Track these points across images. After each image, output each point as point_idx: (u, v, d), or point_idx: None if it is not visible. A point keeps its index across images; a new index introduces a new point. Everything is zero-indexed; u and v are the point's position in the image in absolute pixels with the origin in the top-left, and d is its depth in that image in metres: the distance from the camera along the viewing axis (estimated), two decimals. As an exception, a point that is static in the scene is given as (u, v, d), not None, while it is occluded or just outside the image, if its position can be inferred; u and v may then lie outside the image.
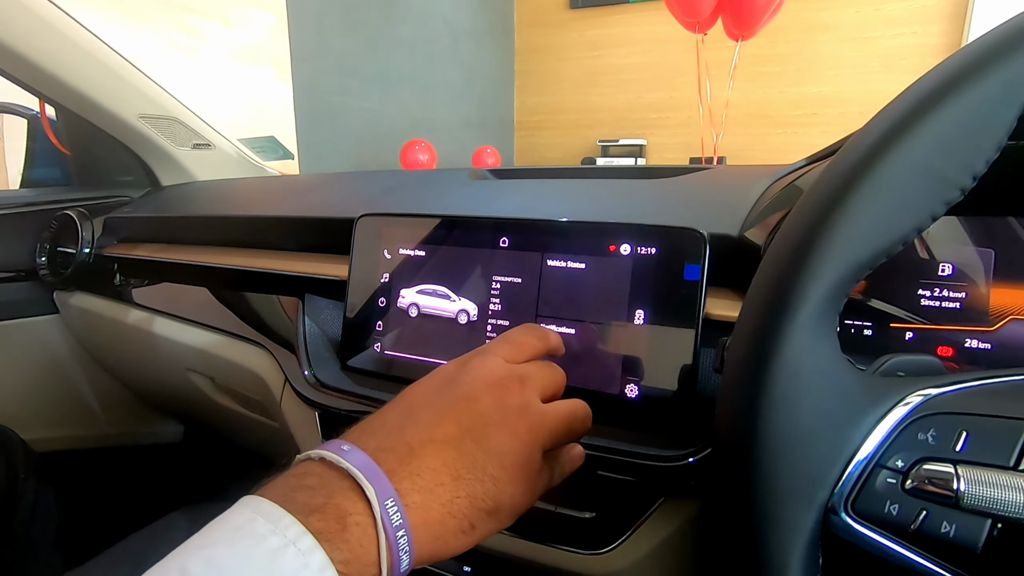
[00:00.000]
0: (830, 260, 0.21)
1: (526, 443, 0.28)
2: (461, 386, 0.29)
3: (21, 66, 0.75)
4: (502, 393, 0.28)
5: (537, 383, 0.30)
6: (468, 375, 0.30)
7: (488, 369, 0.30)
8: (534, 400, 0.29)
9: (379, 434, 0.27)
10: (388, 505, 0.23)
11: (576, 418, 0.31)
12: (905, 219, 0.21)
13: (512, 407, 0.28)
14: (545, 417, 0.29)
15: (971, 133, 0.20)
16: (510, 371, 0.30)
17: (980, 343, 0.38)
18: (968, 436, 0.20)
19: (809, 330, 0.21)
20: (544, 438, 0.29)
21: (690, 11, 2.62)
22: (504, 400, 0.28)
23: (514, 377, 0.30)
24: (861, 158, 0.22)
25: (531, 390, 0.30)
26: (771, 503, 0.20)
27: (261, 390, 0.61)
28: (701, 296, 0.38)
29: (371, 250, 0.51)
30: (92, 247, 0.82)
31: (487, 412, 0.28)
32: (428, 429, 0.27)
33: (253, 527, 0.22)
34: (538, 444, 0.28)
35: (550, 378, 0.32)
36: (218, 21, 2.65)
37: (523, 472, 0.27)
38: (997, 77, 0.20)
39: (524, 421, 0.28)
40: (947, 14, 3.81)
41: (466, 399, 0.28)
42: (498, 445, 0.27)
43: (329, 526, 0.22)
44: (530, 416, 0.28)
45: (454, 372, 0.31)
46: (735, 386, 0.22)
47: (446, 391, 0.29)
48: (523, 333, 0.34)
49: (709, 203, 0.49)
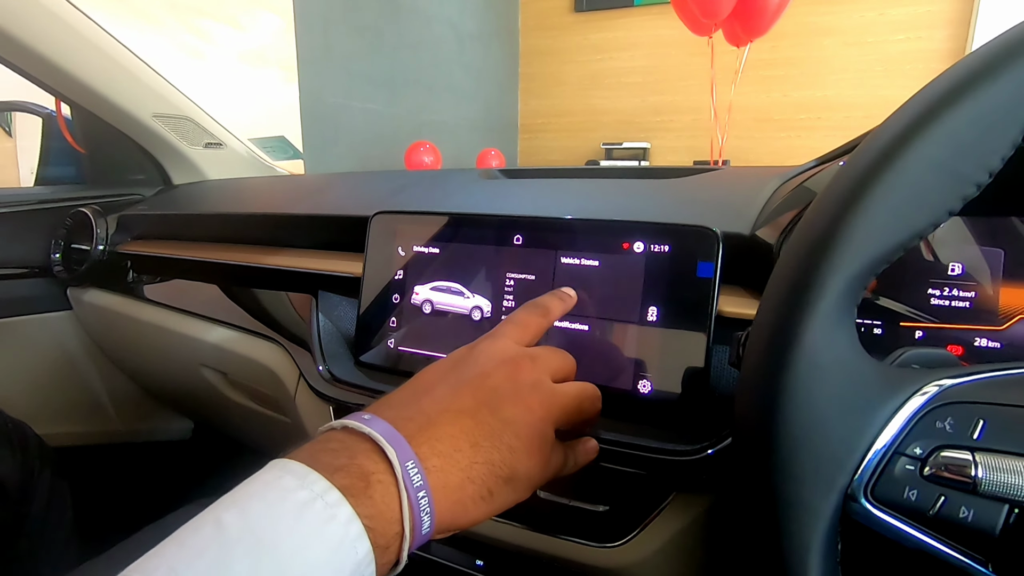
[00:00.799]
0: (849, 253, 0.21)
1: (539, 416, 0.29)
2: (474, 364, 0.30)
3: (39, 64, 0.76)
4: (514, 369, 0.30)
5: (547, 364, 0.31)
6: (481, 355, 0.31)
7: (499, 348, 0.31)
8: (545, 378, 0.30)
9: (397, 406, 0.28)
10: (409, 467, 0.24)
11: (586, 398, 0.32)
12: (922, 214, 0.22)
13: (524, 382, 0.29)
14: (556, 394, 0.30)
15: (987, 130, 0.21)
16: (520, 351, 0.31)
17: (989, 342, 0.38)
18: (985, 424, 0.20)
19: (829, 321, 0.21)
20: (556, 414, 0.30)
21: (709, 13, 2.62)
22: (516, 376, 0.29)
23: (525, 356, 0.31)
24: (880, 155, 0.22)
25: (542, 369, 0.31)
26: (792, 488, 0.20)
27: (275, 385, 0.62)
28: (714, 293, 0.39)
29: (385, 247, 0.52)
30: (106, 244, 0.83)
31: (500, 386, 0.29)
32: (444, 401, 0.28)
33: (282, 483, 0.23)
34: (550, 419, 0.29)
35: (560, 361, 0.33)
36: (227, 23, 2.67)
37: (538, 443, 0.28)
38: (1012, 76, 0.21)
39: (536, 395, 0.29)
40: (951, 19, 3.81)
41: (480, 375, 0.29)
42: (513, 416, 0.28)
43: (353, 483, 0.23)
44: (542, 391, 0.29)
45: (465, 353, 0.32)
46: (756, 374, 0.22)
47: (459, 369, 0.30)
48: (526, 312, 0.35)
49: (720, 203, 0.50)
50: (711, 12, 2.64)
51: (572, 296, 0.39)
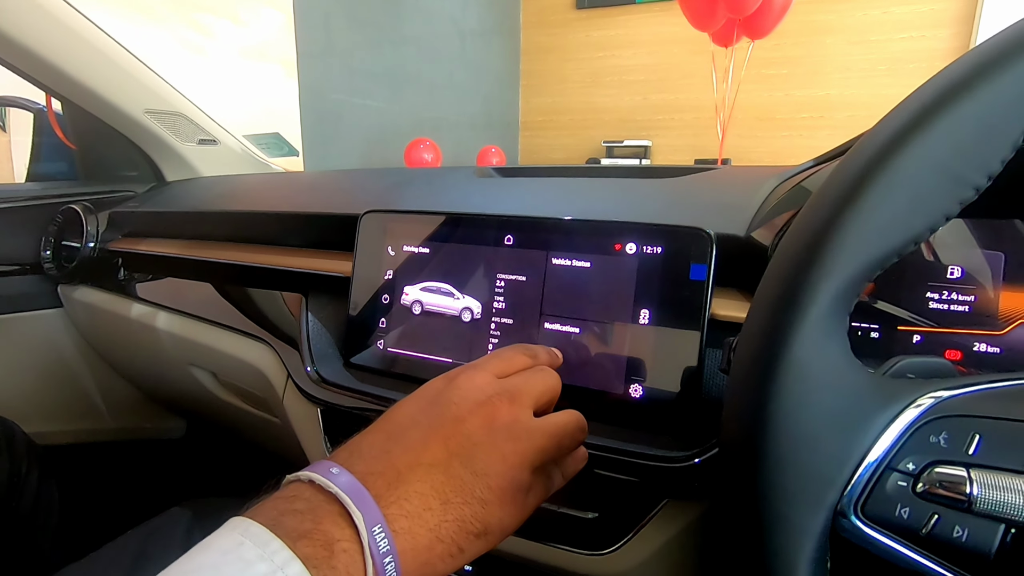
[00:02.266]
0: (842, 258, 0.21)
1: (513, 465, 0.27)
2: (449, 405, 0.28)
3: (28, 60, 0.75)
4: (490, 412, 0.28)
5: (527, 396, 0.30)
6: (456, 392, 0.29)
7: (476, 387, 0.29)
8: (523, 416, 0.29)
9: (367, 457, 0.26)
10: (376, 532, 0.23)
11: (566, 434, 0.31)
12: (919, 218, 0.21)
13: (500, 427, 0.28)
14: (533, 435, 0.29)
15: (987, 132, 0.20)
16: (499, 387, 0.30)
17: (989, 347, 0.37)
18: (981, 439, 0.19)
19: (819, 329, 0.20)
20: (532, 457, 0.28)
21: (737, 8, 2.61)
22: (492, 420, 0.28)
23: (503, 394, 0.29)
24: (874, 155, 0.21)
25: (520, 406, 0.29)
26: (779, 505, 0.20)
27: (264, 386, 0.61)
28: (707, 296, 0.38)
29: (375, 247, 0.51)
30: (96, 241, 0.83)
31: (474, 433, 0.27)
32: (415, 452, 0.26)
33: (241, 551, 0.21)
34: (526, 464, 0.28)
35: (541, 387, 0.31)
36: (226, 18, 2.66)
37: (511, 493, 0.27)
38: (1013, 75, 0.20)
39: (511, 442, 0.28)
40: (955, 18, 3.79)
41: (454, 420, 0.28)
42: (485, 467, 0.27)
43: (317, 552, 0.22)
44: (518, 435, 0.28)
45: (441, 388, 0.30)
46: (743, 385, 0.22)
47: (433, 410, 0.29)
48: (513, 350, 0.34)
49: (715, 203, 0.49)
50: (739, 8, 2.62)
51: (559, 357, 0.38)
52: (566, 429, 0.31)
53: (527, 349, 0.35)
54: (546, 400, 0.31)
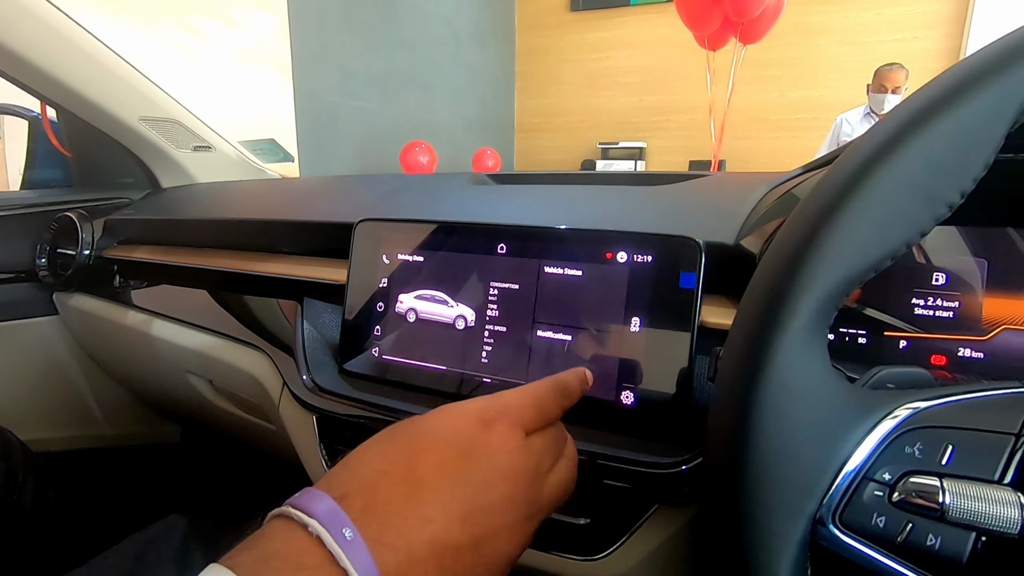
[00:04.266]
0: (821, 273, 0.21)
1: (518, 544, 0.27)
2: (477, 470, 0.27)
3: (22, 68, 0.75)
4: (513, 489, 0.27)
5: (547, 466, 0.30)
6: (485, 457, 0.27)
7: (508, 451, 0.28)
8: (539, 489, 0.29)
9: (381, 517, 0.24)
10: None
11: (569, 485, 0.31)
12: (895, 234, 0.21)
13: (519, 506, 0.27)
14: (544, 509, 0.29)
15: (960, 151, 0.21)
16: (525, 457, 0.29)
17: (973, 352, 0.38)
18: (954, 450, 0.20)
19: (799, 342, 0.21)
20: (535, 527, 0.29)
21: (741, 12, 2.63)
22: (515, 499, 0.27)
23: (527, 468, 0.28)
24: (852, 173, 0.22)
25: (541, 481, 0.29)
26: (760, 513, 0.20)
27: (259, 393, 0.61)
28: (696, 304, 0.38)
29: (370, 255, 0.51)
30: (92, 249, 0.83)
31: (494, 514, 0.26)
32: (432, 526, 0.25)
33: None
34: (527, 536, 0.28)
35: (557, 453, 0.32)
36: (221, 21, 2.66)
37: (507, 565, 0.27)
38: (986, 96, 0.21)
39: (523, 522, 0.27)
40: (947, 19, 3.82)
41: (479, 490, 0.26)
42: (493, 551, 0.26)
43: None
44: (531, 514, 0.28)
45: (472, 440, 0.28)
46: (726, 396, 0.22)
47: (457, 473, 0.27)
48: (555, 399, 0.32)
49: (706, 211, 0.49)
50: (743, 12, 2.64)
51: (590, 382, 0.37)
52: (567, 483, 0.31)
53: (566, 396, 0.33)
54: (555, 459, 0.32)
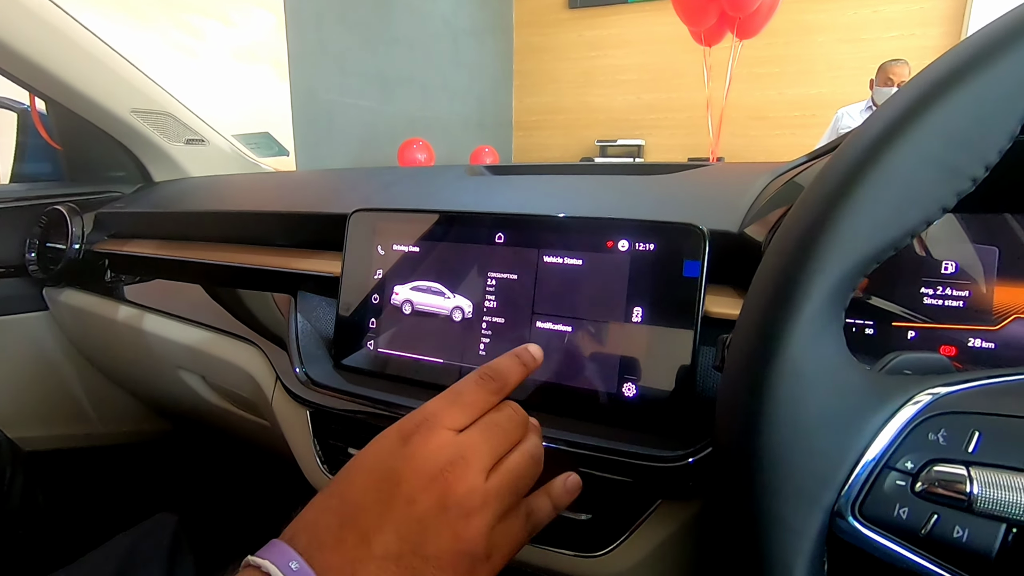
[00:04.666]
0: (836, 253, 0.20)
1: (467, 539, 0.27)
2: (400, 483, 0.27)
3: (11, 60, 0.74)
4: (442, 489, 0.27)
5: (484, 456, 0.29)
6: (407, 465, 0.28)
7: (429, 454, 0.28)
8: (477, 482, 0.28)
9: (324, 546, 0.26)
10: None
11: (521, 475, 0.30)
12: (914, 211, 0.20)
13: (452, 504, 0.27)
14: (488, 501, 0.28)
15: (982, 122, 0.20)
16: (453, 452, 0.28)
17: (984, 342, 0.37)
18: (981, 436, 0.19)
19: (813, 326, 0.20)
20: (488, 523, 0.28)
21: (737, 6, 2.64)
22: (444, 497, 0.27)
23: (457, 462, 0.28)
24: (868, 148, 0.21)
25: (476, 471, 0.28)
26: (774, 506, 0.19)
27: (252, 388, 0.60)
28: (700, 293, 0.37)
29: (365, 246, 0.50)
30: (82, 243, 0.81)
31: (425, 516, 0.27)
32: (368, 543, 0.26)
33: None
34: (482, 533, 0.27)
35: (498, 441, 0.30)
36: (218, 20, 2.64)
37: (465, 567, 0.27)
38: (1008, 64, 0.20)
39: (464, 518, 0.27)
40: (945, 16, 3.82)
41: (406, 502, 0.27)
42: (437, 550, 0.26)
43: None
44: (471, 508, 0.27)
45: (393, 453, 0.29)
46: (737, 384, 0.21)
47: (385, 487, 0.27)
48: (477, 386, 0.31)
49: (709, 199, 0.48)
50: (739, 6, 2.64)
51: (536, 357, 0.34)
52: (518, 471, 0.30)
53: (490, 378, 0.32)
54: (502, 452, 0.30)
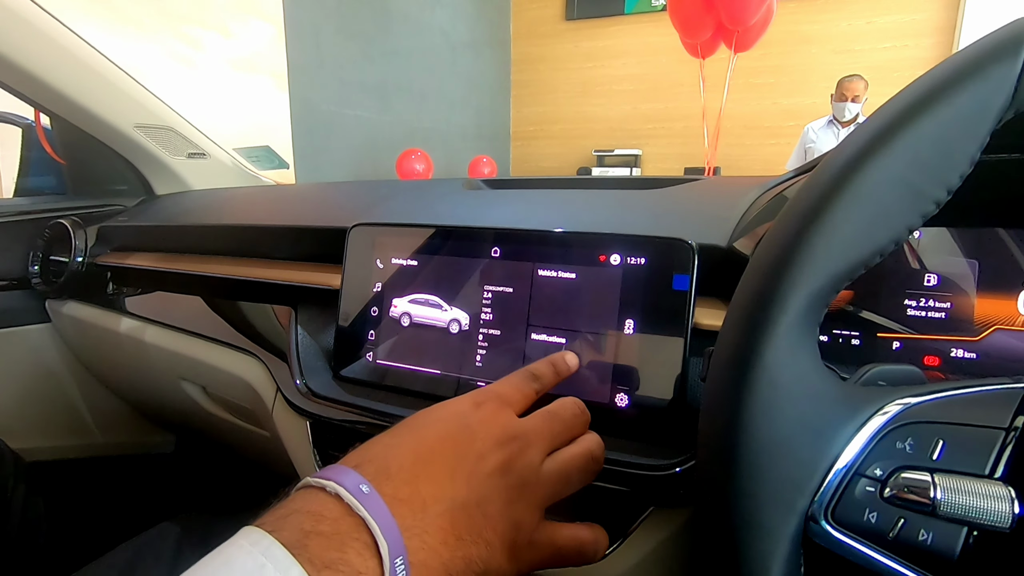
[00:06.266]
0: (809, 271, 0.21)
1: (519, 508, 0.29)
2: (476, 439, 0.29)
3: (17, 76, 0.75)
4: (510, 457, 0.29)
5: (542, 442, 0.31)
6: (482, 427, 0.30)
7: (500, 424, 0.31)
8: (536, 461, 0.30)
9: (396, 478, 0.27)
10: (397, 564, 0.23)
11: (575, 467, 0.32)
12: (882, 231, 0.21)
13: (515, 473, 0.29)
14: (543, 480, 0.30)
15: (945, 148, 0.21)
16: (518, 430, 0.31)
17: (965, 352, 0.38)
18: (945, 445, 0.20)
19: (789, 339, 0.21)
20: (539, 502, 0.30)
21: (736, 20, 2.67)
22: (511, 465, 0.29)
23: (521, 439, 0.30)
24: (839, 172, 0.22)
25: (536, 450, 0.30)
26: (752, 510, 0.20)
27: (253, 399, 0.61)
28: (690, 306, 0.39)
29: (364, 259, 0.51)
30: (85, 256, 0.82)
31: (493, 476, 0.28)
32: (441, 485, 0.27)
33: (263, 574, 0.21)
34: (532, 508, 0.29)
35: (557, 429, 0.33)
36: (217, 31, 2.67)
37: (512, 537, 0.28)
38: (970, 94, 0.21)
39: (520, 488, 0.29)
40: (937, 28, 3.86)
41: (478, 457, 0.29)
42: (496, 511, 0.28)
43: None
44: (528, 481, 0.29)
45: (468, 414, 0.31)
46: (717, 395, 0.22)
47: (460, 438, 0.29)
48: (522, 380, 0.35)
49: (699, 214, 0.49)
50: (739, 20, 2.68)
51: (572, 366, 0.38)
52: (573, 464, 0.32)
53: (532, 377, 0.36)
54: (561, 441, 0.33)
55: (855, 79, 3.01)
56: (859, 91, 2.98)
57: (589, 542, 0.33)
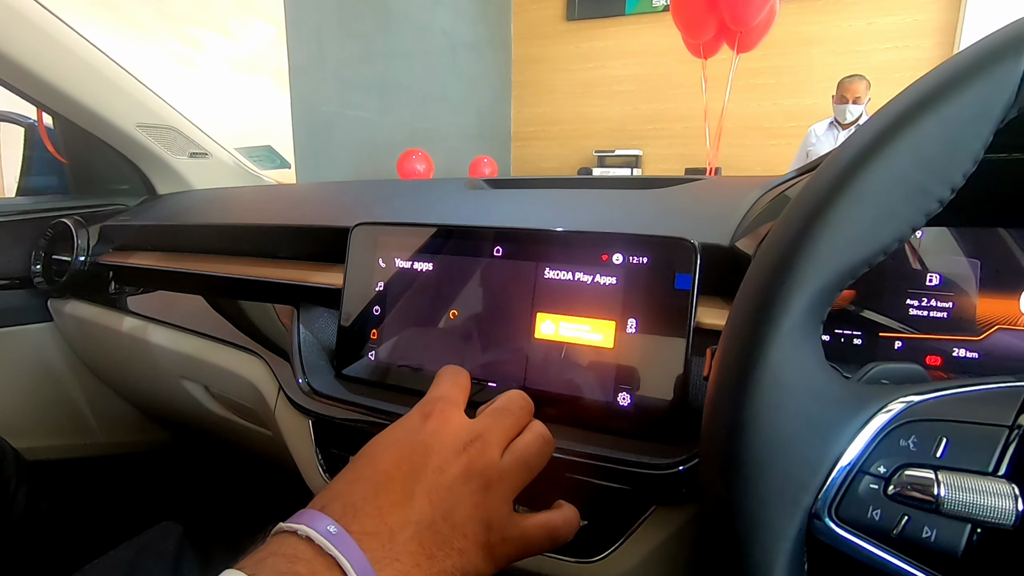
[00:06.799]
0: (813, 269, 0.21)
1: (486, 507, 0.29)
2: (429, 454, 0.30)
3: (19, 75, 0.75)
4: (469, 461, 0.30)
5: (496, 439, 0.31)
6: (436, 439, 0.30)
7: (452, 431, 0.31)
8: (495, 457, 0.31)
9: (360, 513, 0.27)
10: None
11: (532, 453, 0.32)
12: (886, 230, 0.21)
13: (475, 475, 0.29)
14: (505, 475, 0.30)
15: (949, 146, 0.21)
16: (471, 431, 0.31)
17: (968, 352, 0.38)
18: (948, 442, 0.20)
19: (793, 338, 0.21)
20: (505, 496, 0.30)
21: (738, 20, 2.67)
22: (471, 467, 0.30)
23: (476, 441, 0.31)
24: (843, 170, 0.22)
25: (494, 447, 0.31)
26: (755, 508, 0.20)
27: (255, 398, 0.61)
28: (692, 305, 0.39)
29: (366, 259, 0.51)
30: (87, 255, 0.82)
31: (453, 485, 0.29)
32: (403, 508, 0.27)
33: None
34: (500, 504, 0.30)
35: (509, 424, 0.33)
36: (218, 32, 2.67)
37: (485, 536, 0.29)
38: (973, 92, 0.21)
39: (484, 490, 0.29)
40: (938, 28, 3.86)
41: (435, 471, 0.29)
42: (463, 518, 0.28)
43: None
44: (491, 480, 0.30)
45: (418, 429, 0.31)
46: (721, 392, 0.22)
47: (414, 458, 0.30)
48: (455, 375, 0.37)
49: (701, 213, 0.50)
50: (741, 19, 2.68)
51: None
52: (530, 450, 0.32)
53: None
54: (513, 435, 0.33)
55: (856, 79, 2.88)
56: (860, 92, 2.86)
57: (560, 525, 0.33)
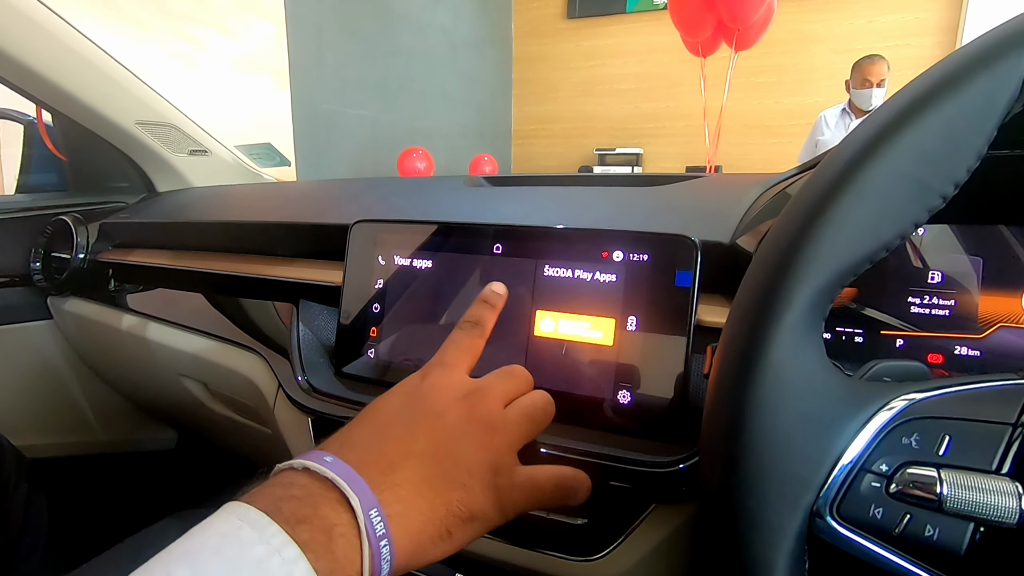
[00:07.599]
0: (814, 266, 0.21)
1: (491, 449, 0.29)
2: (429, 401, 0.30)
3: (19, 72, 0.75)
4: (467, 408, 0.30)
5: (497, 393, 0.32)
6: (432, 390, 0.31)
7: (451, 383, 0.32)
8: (496, 409, 0.31)
9: (359, 447, 0.28)
10: (372, 515, 0.24)
11: (536, 409, 0.33)
12: (888, 226, 0.21)
13: (477, 419, 0.30)
14: (508, 423, 0.31)
15: (952, 142, 0.21)
16: (471, 385, 0.32)
17: (969, 350, 0.38)
18: (951, 440, 0.20)
19: (794, 335, 0.21)
20: (510, 442, 0.30)
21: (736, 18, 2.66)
22: (471, 413, 0.30)
23: (476, 391, 0.31)
24: (845, 166, 0.22)
25: (492, 400, 0.31)
26: (757, 506, 0.20)
27: (254, 396, 0.61)
28: (692, 302, 0.38)
29: (366, 256, 0.51)
30: (87, 252, 0.82)
31: (454, 425, 0.29)
32: (404, 442, 0.28)
33: (239, 535, 0.22)
34: (505, 449, 0.30)
35: (511, 385, 0.33)
36: (218, 30, 2.67)
37: (491, 478, 0.29)
38: (976, 87, 0.21)
39: (488, 431, 0.30)
40: (939, 27, 3.85)
41: (435, 414, 0.30)
42: (466, 455, 0.28)
43: (315, 537, 0.23)
44: (494, 424, 0.30)
45: (417, 384, 0.32)
46: (721, 390, 0.22)
47: (414, 405, 0.30)
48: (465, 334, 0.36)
49: (702, 211, 0.49)
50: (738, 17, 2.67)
51: (500, 294, 0.39)
52: (535, 405, 0.33)
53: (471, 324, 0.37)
54: (512, 396, 0.33)
55: (877, 60, 2.56)
56: (884, 74, 2.54)
57: (570, 477, 0.33)
